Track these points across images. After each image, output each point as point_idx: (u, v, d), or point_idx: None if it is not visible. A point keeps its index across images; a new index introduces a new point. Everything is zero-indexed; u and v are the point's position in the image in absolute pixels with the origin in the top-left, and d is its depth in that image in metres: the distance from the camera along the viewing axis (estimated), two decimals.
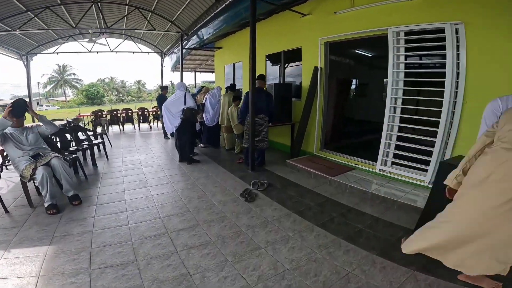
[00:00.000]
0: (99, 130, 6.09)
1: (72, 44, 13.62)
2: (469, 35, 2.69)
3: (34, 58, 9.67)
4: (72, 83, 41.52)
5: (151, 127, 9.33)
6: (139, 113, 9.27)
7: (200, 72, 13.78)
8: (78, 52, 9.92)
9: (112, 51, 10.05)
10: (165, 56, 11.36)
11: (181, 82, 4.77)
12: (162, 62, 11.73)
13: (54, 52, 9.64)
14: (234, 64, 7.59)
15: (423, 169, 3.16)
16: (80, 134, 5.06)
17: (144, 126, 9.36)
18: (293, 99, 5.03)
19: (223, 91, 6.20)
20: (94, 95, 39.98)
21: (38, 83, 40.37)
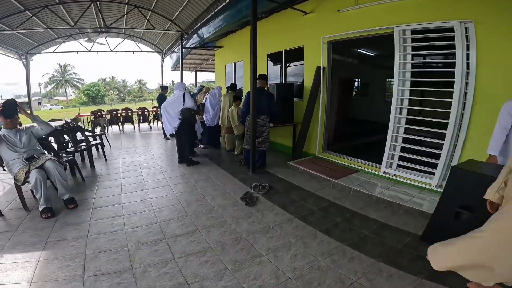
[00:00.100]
0: (98, 131, 6.01)
1: (72, 44, 13.60)
2: (479, 34, 2.59)
3: (34, 57, 9.66)
4: (73, 82, 41.61)
5: (151, 127, 9.28)
6: (139, 113, 9.20)
7: (201, 71, 13.75)
8: (77, 52, 9.88)
9: (112, 51, 10.01)
10: (165, 55, 11.30)
11: (180, 82, 4.69)
12: (162, 62, 11.68)
13: (54, 52, 9.60)
14: (235, 64, 7.51)
15: (430, 172, 3.06)
16: (79, 134, 4.99)
17: (144, 126, 9.30)
18: (295, 99, 4.94)
19: (224, 91, 6.12)
20: (95, 95, 40.06)
21: (39, 83, 40.52)
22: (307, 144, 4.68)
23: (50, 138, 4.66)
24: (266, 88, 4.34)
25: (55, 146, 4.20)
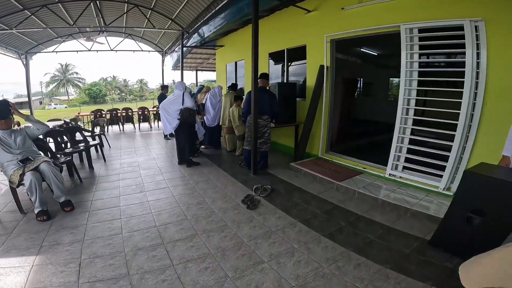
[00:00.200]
0: (97, 131, 5.94)
1: (72, 43, 13.57)
2: (490, 33, 2.49)
3: (34, 57, 9.59)
4: (74, 82, 41.67)
5: (152, 127, 9.21)
6: (139, 112, 9.14)
7: (202, 70, 13.68)
8: (77, 51, 9.81)
9: (112, 50, 9.94)
10: (166, 54, 11.23)
11: (180, 82, 4.60)
12: (163, 61, 11.61)
13: (54, 51, 9.54)
14: (236, 63, 7.42)
15: (437, 174, 2.97)
16: (78, 134, 4.92)
17: (144, 125, 9.24)
18: (297, 99, 4.85)
19: (225, 90, 6.04)
20: (96, 94, 40.14)
21: (40, 82, 40.58)
22: (309, 144, 4.59)
23: (47, 139, 4.59)
24: (267, 88, 4.25)
25: (52, 147, 4.13)
